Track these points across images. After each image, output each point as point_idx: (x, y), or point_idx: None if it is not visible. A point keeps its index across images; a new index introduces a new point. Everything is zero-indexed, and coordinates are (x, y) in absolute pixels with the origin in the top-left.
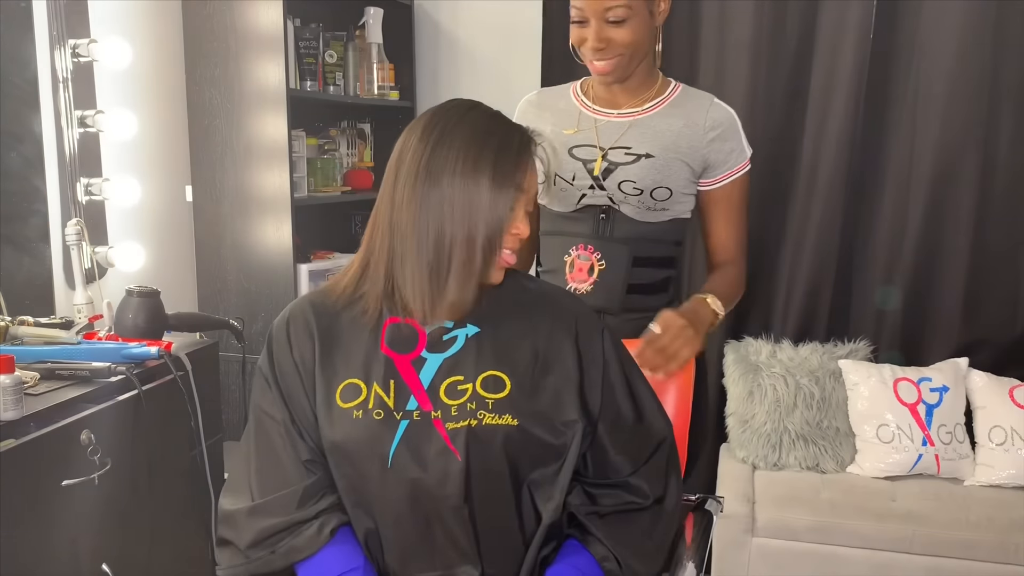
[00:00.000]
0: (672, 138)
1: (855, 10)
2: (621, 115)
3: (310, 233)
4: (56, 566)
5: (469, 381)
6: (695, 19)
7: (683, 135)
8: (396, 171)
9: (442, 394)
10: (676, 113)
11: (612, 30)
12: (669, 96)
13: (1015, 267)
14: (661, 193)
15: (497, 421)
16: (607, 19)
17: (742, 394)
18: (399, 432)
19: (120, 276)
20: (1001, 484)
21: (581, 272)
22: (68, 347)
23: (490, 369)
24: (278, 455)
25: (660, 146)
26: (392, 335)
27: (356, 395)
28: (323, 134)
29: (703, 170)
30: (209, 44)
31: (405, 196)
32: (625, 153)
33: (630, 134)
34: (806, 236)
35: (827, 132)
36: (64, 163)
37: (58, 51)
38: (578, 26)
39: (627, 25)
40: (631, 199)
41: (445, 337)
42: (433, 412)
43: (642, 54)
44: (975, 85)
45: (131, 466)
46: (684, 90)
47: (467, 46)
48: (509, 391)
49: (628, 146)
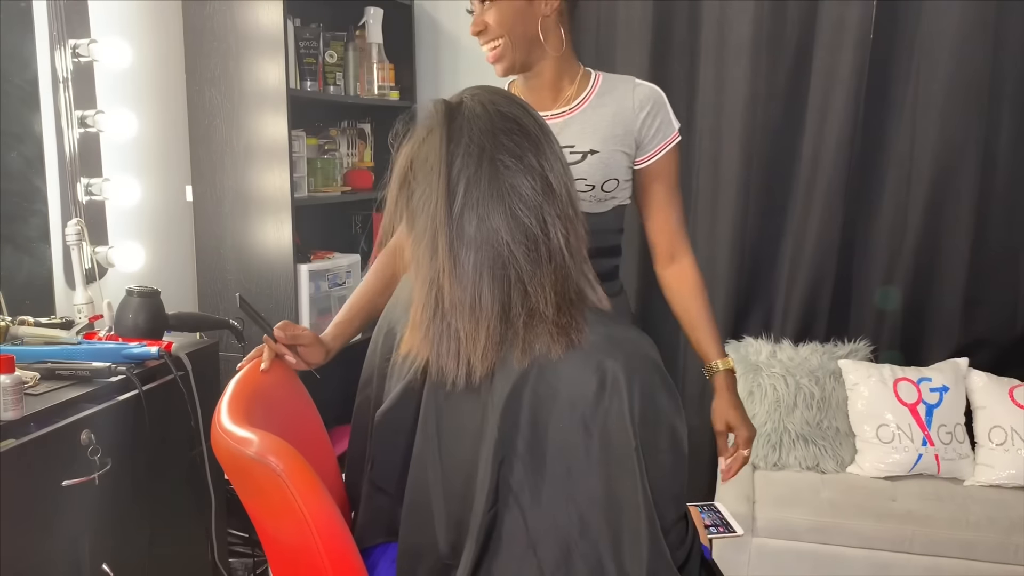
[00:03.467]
0: (608, 127)
1: (855, 10)
2: (553, 116)
3: (310, 233)
4: (56, 566)
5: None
6: (695, 19)
7: (617, 121)
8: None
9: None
10: (605, 102)
11: (485, 13)
12: (594, 87)
13: (1015, 267)
14: (610, 185)
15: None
16: (481, 2)
17: (742, 394)
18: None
19: (120, 276)
20: (1001, 484)
21: None
22: (68, 347)
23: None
24: None
25: (600, 139)
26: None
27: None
28: (323, 134)
29: (636, 149)
30: (209, 44)
31: None
32: (570, 152)
33: (568, 132)
34: (806, 236)
35: (827, 132)
36: (64, 163)
37: (58, 51)
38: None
39: (494, 5)
40: (583, 195)
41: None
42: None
43: (522, 41)
44: (975, 85)
45: (131, 466)
46: (606, 78)
47: (467, 46)
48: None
49: (571, 144)
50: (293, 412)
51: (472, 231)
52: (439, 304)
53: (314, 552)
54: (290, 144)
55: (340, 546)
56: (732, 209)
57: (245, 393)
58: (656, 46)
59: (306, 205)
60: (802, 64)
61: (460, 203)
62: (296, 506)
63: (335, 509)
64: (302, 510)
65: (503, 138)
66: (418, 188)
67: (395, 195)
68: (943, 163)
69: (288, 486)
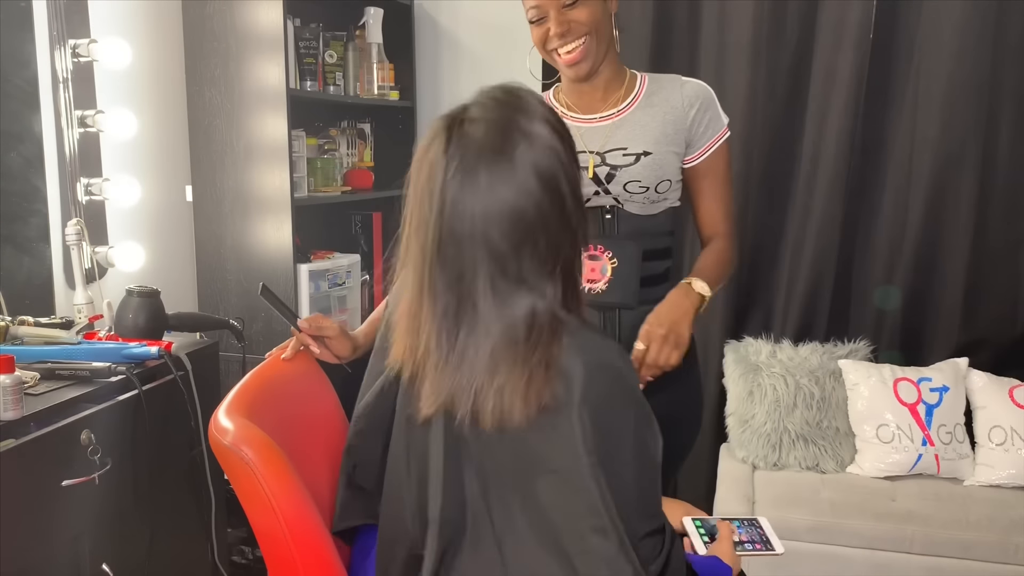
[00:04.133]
0: (660, 128)
1: (855, 10)
2: (602, 118)
3: (310, 233)
4: (56, 566)
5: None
6: (695, 19)
7: (668, 121)
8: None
9: None
10: (654, 102)
11: (571, 12)
12: (641, 88)
13: (1015, 267)
14: (663, 186)
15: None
16: (563, 4)
17: (742, 394)
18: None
19: (120, 276)
20: (1001, 484)
21: (594, 272)
22: (68, 347)
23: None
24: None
25: (653, 140)
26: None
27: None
28: (323, 134)
29: (686, 147)
30: (209, 44)
31: None
32: (623, 155)
33: (620, 134)
34: (806, 236)
35: (827, 132)
36: (64, 163)
37: (58, 51)
38: (537, 25)
39: (581, 5)
40: (637, 197)
41: None
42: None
43: (605, 39)
44: (975, 84)
45: (131, 466)
46: (652, 78)
47: (467, 46)
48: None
49: (624, 147)
50: (308, 403)
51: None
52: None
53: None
54: (290, 144)
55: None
56: None
57: (257, 383)
58: (656, 46)
59: (306, 205)
60: (802, 64)
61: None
62: (265, 495)
63: (305, 499)
64: (270, 499)
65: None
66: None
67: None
68: (943, 163)
69: (257, 475)
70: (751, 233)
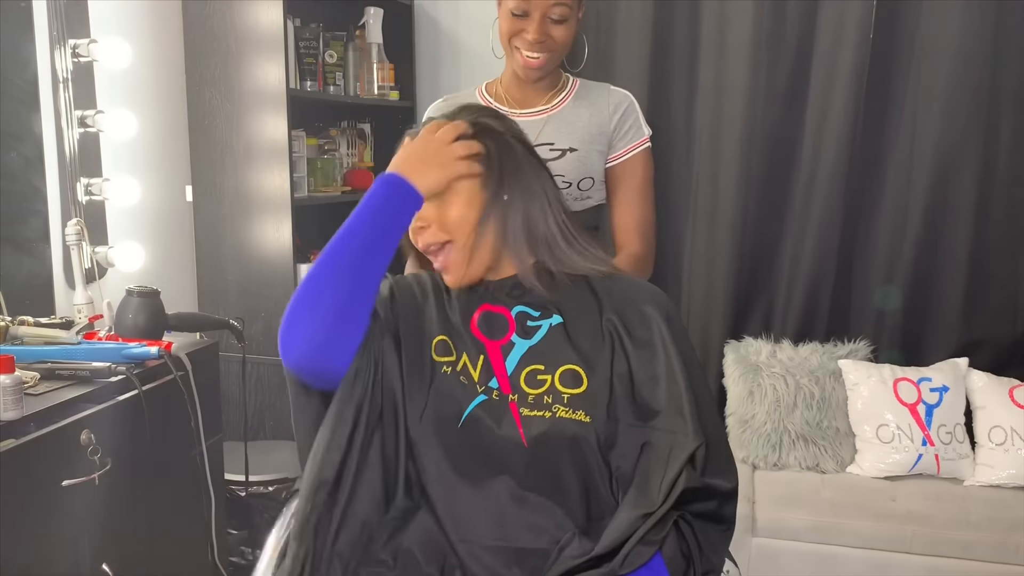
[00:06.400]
0: (585, 127)
1: (855, 10)
2: (535, 112)
3: (310, 233)
4: (56, 566)
5: (548, 373)
6: (695, 19)
7: (593, 122)
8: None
9: (522, 381)
10: (582, 104)
11: (553, 27)
12: (572, 89)
13: (1015, 267)
14: (586, 183)
15: (570, 416)
16: (551, 16)
17: (742, 394)
18: (476, 400)
19: (120, 276)
20: (1001, 484)
21: None
22: (68, 347)
23: (569, 363)
24: None
25: (579, 138)
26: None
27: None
28: (323, 134)
29: (609, 148)
30: (209, 44)
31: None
32: (550, 149)
33: (548, 130)
34: (806, 236)
35: (827, 132)
36: (64, 163)
37: (58, 51)
38: (518, 19)
39: (566, 25)
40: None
41: (530, 323)
42: (511, 395)
43: (566, 54)
44: (975, 85)
45: (131, 466)
46: (583, 83)
47: (467, 46)
48: (586, 387)
49: (551, 142)
50: None
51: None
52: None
53: None
54: (290, 144)
55: None
56: (732, 209)
57: None
58: (656, 46)
59: (306, 205)
60: (802, 64)
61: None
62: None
63: None
64: None
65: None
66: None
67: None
68: (943, 163)
69: None
70: (751, 233)
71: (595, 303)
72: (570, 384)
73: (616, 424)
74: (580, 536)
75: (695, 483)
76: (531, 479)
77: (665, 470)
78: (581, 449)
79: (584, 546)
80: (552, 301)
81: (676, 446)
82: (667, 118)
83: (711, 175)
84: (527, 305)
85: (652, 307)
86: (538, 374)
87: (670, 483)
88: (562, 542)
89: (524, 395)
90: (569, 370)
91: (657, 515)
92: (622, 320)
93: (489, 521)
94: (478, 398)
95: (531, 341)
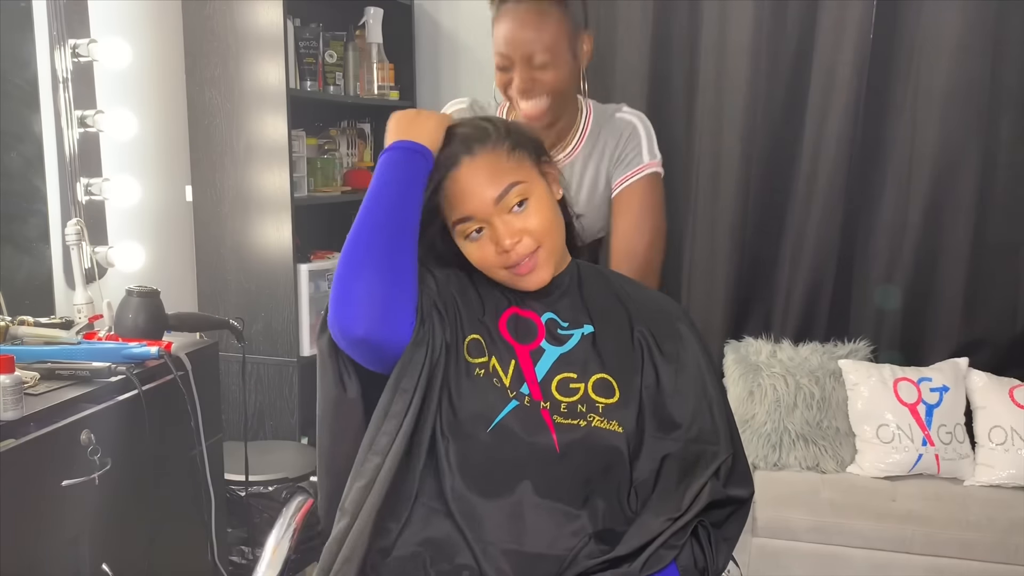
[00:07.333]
0: (594, 177)
1: (855, 10)
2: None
3: (310, 233)
4: (56, 566)
5: (581, 381)
6: (695, 19)
7: (601, 169)
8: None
9: (553, 388)
10: (594, 149)
11: (539, 73)
12: (585, 128)
13: (1015, 267)
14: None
15: (605, 426)
16: (532, 63)
17: (742, 394)
18: (509, 406)
19: (120, 276)
20: (1001, 484)
21: None
22: (68, 347)
23: (601, 372)
24: None
25: (585, 198)
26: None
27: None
28: (323, 134)
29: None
30: (209, 44)
31: None
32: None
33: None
34: (806, 236)
35: (827, 132)
36: (64, 163)
37: (58, 51)
38: (502, 72)
39: (551, 69)
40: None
41: (560, 331)
42: (543, 403)
43: (569, 96)
44: (975, 85)
45: (131, 466)
46: (595, 116)
47: (467, 46)
48: (619, 397)
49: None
50: None
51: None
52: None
53: None
54: (290, 144)
55: None
56: (732, 209)
57: None
58: (656, 46)
59: (306, 205)
60: (802, 64)
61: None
62: None
63: None
64: None
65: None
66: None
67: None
68: (943, 163)
69: None
70: (751, 233)
71: (625, 314)
72: (603, 394)
73: (641, 435)
74: (596, 540)
75: (719, 495)
76: (553, 486)
77: (691, 479)
78: (613, 459)
79: (601, 549)
80: (582, 310)
81: (704, 456)
82: (667, 118)
83: (711, 175)
84: (556, 313)
85: (685, 325)
86: (571, 382)
87: (695, 492)
88: (577, 546)
89: (556, 403)
90: (601, 379)
91: (683, 520)
92: (652, 333)
93: (506, 525)
94: (511, 404)
95: (563, 348)
